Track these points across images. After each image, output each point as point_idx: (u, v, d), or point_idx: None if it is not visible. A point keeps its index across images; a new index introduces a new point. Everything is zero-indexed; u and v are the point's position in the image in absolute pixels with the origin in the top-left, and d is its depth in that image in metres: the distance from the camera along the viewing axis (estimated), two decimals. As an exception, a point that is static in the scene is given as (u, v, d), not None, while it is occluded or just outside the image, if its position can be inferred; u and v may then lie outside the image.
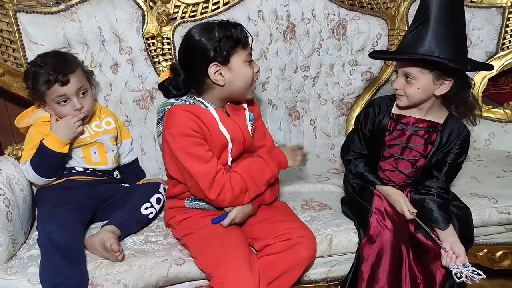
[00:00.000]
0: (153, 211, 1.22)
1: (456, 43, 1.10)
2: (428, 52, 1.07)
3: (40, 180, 1.19)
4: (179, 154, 1.06)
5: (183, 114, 1.08)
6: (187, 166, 1.06)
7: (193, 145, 1.06)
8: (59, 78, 1.17)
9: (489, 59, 1.78)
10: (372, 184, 1.25)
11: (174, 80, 1.16)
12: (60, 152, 1.17)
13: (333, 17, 1.64)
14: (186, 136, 1.06)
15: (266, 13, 1.57)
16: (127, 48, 1.46)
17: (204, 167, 1.06)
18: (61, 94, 1.19)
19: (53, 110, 1.21)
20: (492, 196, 1.34)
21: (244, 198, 1.09)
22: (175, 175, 1.12)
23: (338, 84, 1.72)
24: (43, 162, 1.17)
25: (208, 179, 1.05)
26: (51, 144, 1.16)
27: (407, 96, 1.15)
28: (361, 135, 1.29)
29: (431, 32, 1.07)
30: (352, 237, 1.19)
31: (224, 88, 1.11)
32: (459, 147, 1.20)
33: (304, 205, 1.34)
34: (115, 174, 1.35)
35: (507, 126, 1.76)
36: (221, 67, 1.08)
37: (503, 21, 1.75)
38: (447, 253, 1.11)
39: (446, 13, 1.07)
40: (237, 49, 1.08)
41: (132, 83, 1.49)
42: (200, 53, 1.07)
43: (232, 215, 1.10)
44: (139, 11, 1.46)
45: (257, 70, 1.14)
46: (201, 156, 1.06)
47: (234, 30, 1.07)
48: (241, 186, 1.08)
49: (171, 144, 1.07)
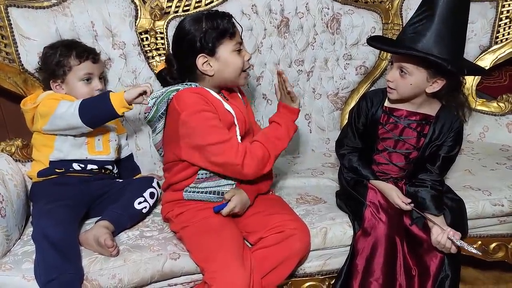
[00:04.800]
0: (146, 206, 1.22)
1: (456, 43, 1.10)
2: (426, 49, 1.07)
3: (74, 119, 1.15)
4: (200, 130, 1.06)
5: (193, 95, 1.09)
6: (211, 139, 1.06)
7: (212, 119, 1.08)
8: (92, 55, 1.27)
9: (482, 52, 1.79)
10: (366, 179, 1.25)
11: (169, 70, 1.17)
12: (115, 110, 1.15)
13: (327, 11, 1.64)
14: (203, 111, 1.07)
15: (260, 7, 1.57)
16: (120, 43, 1.45)
17: (226, 136, 1.08)
18: (90, 71, 1.26)
19: (72, 88, 1.25)
20: (486, 189, 1.35)
21: (267, 163, 1.10)
22: (192, 158, 1.10)
23: (332, 78, 1.72)
24: (95, 107, 1.16)
25: (234, 145, 1.07)
26: (114, 99, 1.15)
27: (397, 90, 1.15)
28: (354, 129, 1.29)
29: (433, 28, 1.07)
30: (346, 230, 1.20)
31: (214, 78, 1.13)
32: (452, 139, 1.20)
33: (299, 199, 1.34)
34: (114, 168, 1.35)
35: (501, 119, 1.76)
36: (208, 58, 1.10)
37: (496, 15, 1.76)
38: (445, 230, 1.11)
39: (452, 12, 1.06)
40: (223, 40, 1.09)
41: (125, 78, 1.48)
42: (188, 44, 1.09)
43: (232, 204, 1.11)
44: (132, 5, 1.45)
45: (248, 58, 1.15)
46: (221, 128, 1.08)
47: (221, 20, 1.08)
48: (262, 151, 1.09)
49: (191, 123, 1.06)
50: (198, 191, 1.15)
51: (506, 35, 1.77)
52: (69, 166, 1.25)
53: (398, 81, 1.15)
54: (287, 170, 1.53)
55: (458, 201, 1.25)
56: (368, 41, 1.22)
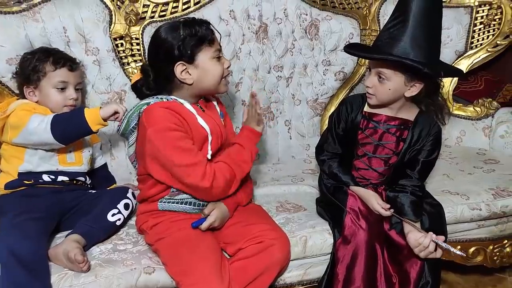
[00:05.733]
0: (120, 218, 1.17)
1: (431, 46, 1.10)
2: (403, 54, 1.07)
3: (46, 135, 1.11)
4: (167, 150, 1.03)
5: (161, 111, 1.05)
6: (177, 161, 1.03)
7: (180, 139, 1.04)
8: (69, 63, 1.24)
9: (458, 57, 1.81)
10: (346, 185, 1.24)
11: (145, 81, 1.13)
12: (89, 127, 1.12)
13: (305, 17, 1.63)
14: (171, 130, 1.04)
15: (238, 13, 1.55)
16: (93, 48, 1.41)
17: (194, 158, 1.04)
18: (65, 79, 1.22)
19: (45, 96, 1.21)
20: (464, 193, 1.35)
21: (232, 184, 1.09)
22: (160, 176, 1.07)
23: (311, 84, 1.72)
24: (68, 123, 1.13)
25: (201, 169, 1.04)
26: (89, 115, 1.12)
27: (376, 96, 1.15)
28: (334, 134, 1.28)
29: (408, 33, 1.07)
30: (326, 238, 1.18)
31: (194, 86, 1.10)
32: (431, 143, 1.20)
33: (278, 207, 1.32)
34: (87, 179, 1.30)
35: (478, 124, 1.79)
36: (187, 66, 1.07)
37: (471, 20, 1.79)
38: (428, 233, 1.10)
39: (425, 15, 1.07)
40: (202, 47, 1.07)
41: (99, 85, 1.44)
42: (165, 52, 1.06)
43: (211, 218, 1.07)
44: (106, 10, 1.41)
45: (227, 66, 1.13)
46: (189, 148, 1.05)
47: (199, 27, 1.06)
48: (229, 172, 1.08)
49: (156, 142, 1.03)
50: (173, 202, 1.12)
51: (480, 41, 1.81)
52: (38, 177, 1.20)
53: (377, 86, 1.15)
54: (267, 178, 1.51)
55: (437, 206, 1.25)
56: (345, 49, 1.22)
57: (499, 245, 1.40)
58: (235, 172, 1.09)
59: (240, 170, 1.11)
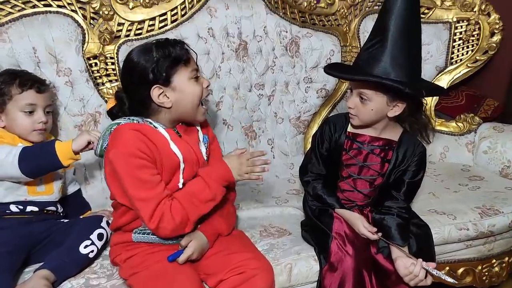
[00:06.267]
0: (94, 249, 1.10)
1: (412, 65, 1.08)
2: (384, 74, 1.05)
3: (13, 169, 1.06)
4: (123, 177, 0.97)
5: (130, 133, 0.99)
6: (130, 191, 0.97)
7: (139, 168, 0.97)
8: (37, 85, 1.17)
9: (439, 73, 1.82)
10: (331, 207, 1.20)
11: (120, 108, 1.08)
12: (60, 162, 1.08)
13: (285, 34, 1.61)
14: (132, 157, 0.97)
15: (217, 31, 1.52)
16: (65, 69, 1.35)
17: (147, 193, 0.97)
18: (32, 101, 1.16)
19: (12, 120, 1.15)
20: (451, 212, 1.33)
21: (186, 225, 1.01)
22: (122, 200, 1.02)
23: (294, 102, 1.69)
24: (38, 157, 1.07)
25: (151, 207, 0.97)
26: (60, 149, 1.07)
27: (359, 116, 1.13)
28: (318, 155, 1.25)
29: (388, 52, 1.05)
30: (312, 265, 1.13)
31: (172, 110, 1.04)
32: (416, 164, 1.18)
33: (262, 231, 1.26)
34: (59, 208, 1.23)
35: (460, 139, 1.78)
36: (164, 89, 1.01)
37: (450, 36, 1.80)
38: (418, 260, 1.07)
39: (404, 34, 1.05)
40: (177, 68, 1.01)
41: (72, 107, 1.37)
42: (139, 76, 1.00)
43: (189, 251, 1.01)
44: (78, 29, 1.36)
45: (206, 85, 1.07)
46: (146, 180, 0.98)
47: (172, 48, 1.01)
48: (181, 215, 0.99)
49: (116, 165, 0.97)
50: (148, 232, 1.05)
51: (460, 56, 1.82)
52: (5, 208, 1.12)
53: (359, 107, 1.12)
54: (250, 200, 1.46)
55: (423, 226, 1.22)
56: (325, 70, 1.20)
57: (487, 265, 1.38)
58: (188, 216, 1.00)
59: (196, 211, 1.02)
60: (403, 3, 1.05)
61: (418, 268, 1.04)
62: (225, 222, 1.11)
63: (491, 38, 1.79)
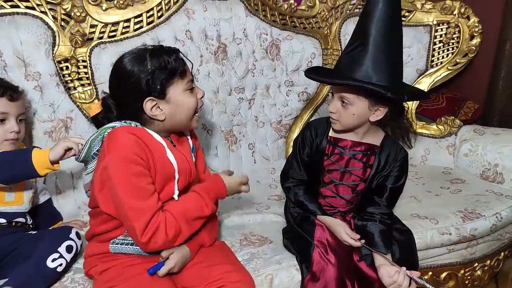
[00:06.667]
0: (62, 263, 1.03)
1: (393, 69, 1.06)
2: (365, 78, 1.03)
3: None
4: (118, 184, 0.91)
5: (128, 136, 0.94)
6: (124, 200, 0.91)
7: (137, 175, 0.92)
8: (10, 92, 1.12)
9: (420, 76, 1.82)
10: (313, 214, 1.17)
11: (106, 116, 1.02)
12: (36, 172, 1.03)
13: (265, 37, 1.58)
14: (130, 162, 0.92)
15: (195, 33, 1.48)
16: (34, 73, 1.28)
17: (143, 204, 0.92)
18: (4, 110, 1.10)
19: None
20: (433, 217, 1.32)
21: (176, 241, 0.97)
22: (108, 210, 0.97)
23: (275, 105, 1.66)
24: (13, 165, 1.03)
25: (144, 219, 0.92)
26: (37, 158, 1.02)
27: (340, 121, 1.10)
28: (299, 160, 1.22)
29: (369, 56, 1.03)
30: (294, 275, 1.09)
31: (166, 122, 0.99)
32: (398, 169, 1.17)
33: (243, 240, 1.23)
34: (28, 219, 1.16)
35: (441, 142, 1.78)
36: (158, 101, 0.96)
37: (430, 39, 1.80)
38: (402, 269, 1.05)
39: (385, 38, 1.03)
40: (173, 81, 0.96)
41: (42, 112, 1.31)
42: (132, 87, 0.94)
43: (171, 263, 0.97)
44: (48, 31, 1.29)
45: (201, 96, 1.03)
46: (143, 189, 0.92)
47: (168, 58, 0.95)
48: (175, 230, 0.95)
49: (111, 170, 0.92)
50: (127, 243, 1.00)
51: (441, 59, 1.82)
52: (-31, 220, 1.05)
53: (341, 112, 1.10)
54: (230, 207, 1.42)
55: (406, 232, 1.21)
56: (305, 74, 1.17)
57: (470, 269, 1.37)
58: (181, 232, 0.97)
59: (189, 229, 0.99)
60: (384, 6, 1.03)
61: (402, 277, 1.02)
62: (208, 233, 1.07)
63: (471, 41, 1.79)
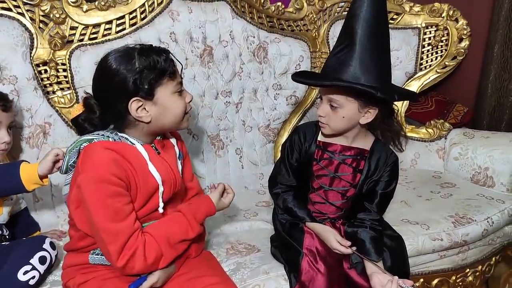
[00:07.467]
0: (35, 275, 0.98)
1: (381, 69, 1.04)
2: (354, 79, 1.00)
3: None
4: (92, 205, 0.86)
5: (103, 154, 0.88)
6: (98, 221, 0.86)
7: (111, 196, 0.87)
8: (3, 103, 1.11)
9: (408, 79, 1.80)
10: (302, 221, 1.14)
11: (88, 117, 0.96)
12: (24, 187, 1.01)
13: (253, 39, 1.55)
14: (104, 182, 0.86)
15: (180, 35, 1.43)
16: (10, 77, 1.23)
17: (117, 226, 0.86)
18: None
19: None
20: (424, 222, 1.29)
21: (158, 265, 0.92)
22: (84, 227, 0.92)
23: (263, 109, 1.62)
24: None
25: (120, 242, 0.86)
26: (25, 173, 1.00)
27: (330, 125, 1.07)
28: (288, 165, 1.19)
29: (356, 57, 1.00)
30: (282, 285, 1.05)
31: (151, 125, 0.94)
32: (388, 174, 1.14)
33: (229, 249, 1.18)
34: (4, 231, 1.11)
35: (431, 145, 1.76)
36: (144, 102, 0.91)
37: (419, 42, 1.79)
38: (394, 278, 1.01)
39: (372, 38, 1.01)
40: (162, 81, 0.91)
41: (18, 118, 1.25)
42: (118, 86, 0.89)
43: (154, 278, 0.92)
44: (26, 34, 1.24)
45: (189, 100, 0.98)
46: (118, 210, 0.87)
47: (157, 57, 0.90)
48: (155, 254, 0.90)
49: (84, 190, 0.86)
50: None
51: (429, 62, 1.81)
52: None
53: (330, 115, 1.06)
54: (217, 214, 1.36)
55: (397, 238, 1.18)
56: (292, 77, 1.14)
57: (461, 275, 1.35)
58: (163, 254, 0.92)
59: (172, 253, 0.94)
60: (369, 7, 1.01)
61: (394, 286, 0.99)
62: (195, 245, 1.02)
63: (460, 43, 1.79)
